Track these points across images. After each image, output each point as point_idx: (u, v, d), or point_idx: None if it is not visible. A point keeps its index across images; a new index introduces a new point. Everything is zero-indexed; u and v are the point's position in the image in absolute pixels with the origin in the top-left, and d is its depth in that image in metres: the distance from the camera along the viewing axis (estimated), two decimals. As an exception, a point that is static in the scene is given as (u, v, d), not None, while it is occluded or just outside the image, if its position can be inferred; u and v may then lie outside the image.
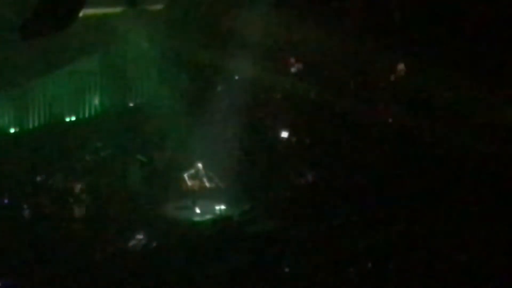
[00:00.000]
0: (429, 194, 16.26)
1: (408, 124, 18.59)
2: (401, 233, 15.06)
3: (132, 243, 15.45)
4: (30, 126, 21.27)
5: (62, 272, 13.94)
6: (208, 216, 17.72)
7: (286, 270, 14.29)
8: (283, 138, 20.15)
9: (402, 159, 17.58)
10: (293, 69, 21.01)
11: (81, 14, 6.97)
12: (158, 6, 21.61)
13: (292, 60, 20.96)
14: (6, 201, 17.44)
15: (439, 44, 18.12)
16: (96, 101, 22.28)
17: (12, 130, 21.05)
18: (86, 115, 22.14)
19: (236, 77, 20.91)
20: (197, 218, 17.83)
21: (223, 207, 18.18)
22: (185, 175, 18.05)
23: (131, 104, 22.65)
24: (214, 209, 18.10)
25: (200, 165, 18.12)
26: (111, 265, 14.39)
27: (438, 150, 17.53)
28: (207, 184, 18.17)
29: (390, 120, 19.26)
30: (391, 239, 14.98)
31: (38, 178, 18.49)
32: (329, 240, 15.24)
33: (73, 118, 21.93)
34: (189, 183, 18.13)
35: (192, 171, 18.07)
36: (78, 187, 18.20)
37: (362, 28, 19.17)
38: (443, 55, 17.99)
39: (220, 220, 17.17)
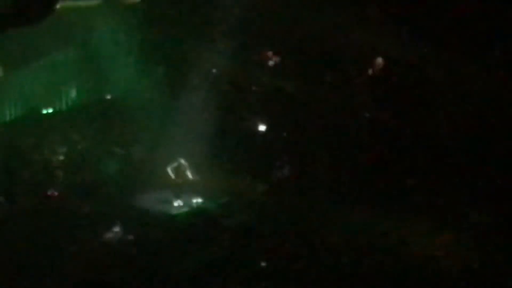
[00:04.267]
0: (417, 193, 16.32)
1: (390, 120, 18.60)
2: (383, 232, 15.08)
3: (108, 235, 15.43)
4: (6, 119, 21.13)
5: (38, 266, 13.91)
6: (185, 209, 17.71)
7: (263, 264, 14.33)
8: (262, 131, 20.13)
9: (387, 156, 17.59)
10: (271, 63, 20.97)
11: (57, 6, 6.94)
12: (135, -1, 21.55)
13: (270, 53, 20.92)
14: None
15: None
16: (73, 93, 22.18)
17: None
18: (63, 107, 22.03)
19: (214, 70, 20.85)
20: (174, 211, 17.80)
21: (200, 200, 18.17)
22: (167, 168, 18.02)
23: (108, 97, 22.54)
24: (191, 202, 18.09)
25: (181, 158, 18.12)
26: (87, 258, 14.36)
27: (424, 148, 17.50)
28: (185, 177, 18.15)
29: (367, 115, 19.28)
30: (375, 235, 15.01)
31: (14, 172, 18.38)
32: (305, 233, 15.32)
33: (50, 111, 21.81)
34: (166, 176, 18.09)
35: (175, 164, 18.05)
36: (54, 180, 18.12)
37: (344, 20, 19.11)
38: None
39: (197, 213, 17.19)
